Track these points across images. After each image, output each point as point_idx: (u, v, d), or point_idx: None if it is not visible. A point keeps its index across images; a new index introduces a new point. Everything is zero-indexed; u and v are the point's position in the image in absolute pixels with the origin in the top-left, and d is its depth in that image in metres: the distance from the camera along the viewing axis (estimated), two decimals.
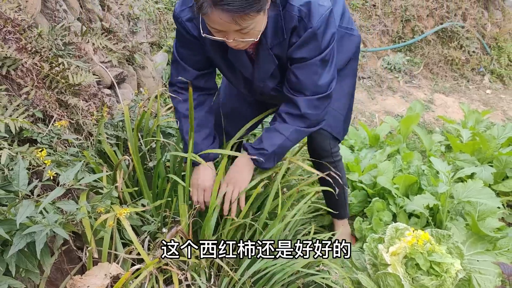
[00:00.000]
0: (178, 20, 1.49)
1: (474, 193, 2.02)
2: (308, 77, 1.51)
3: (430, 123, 3.59)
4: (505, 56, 4.58)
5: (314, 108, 1.57)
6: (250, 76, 1.61)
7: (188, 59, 1.60)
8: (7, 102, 1.48)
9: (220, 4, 1.19)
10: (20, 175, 1.16)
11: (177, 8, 1.49)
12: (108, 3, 2.74)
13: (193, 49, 1.56)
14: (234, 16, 1.22)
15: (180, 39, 1.57)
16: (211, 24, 1.29)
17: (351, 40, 1.77)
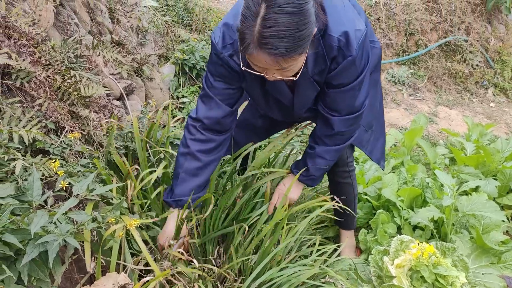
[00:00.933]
0: (220, 56, 1.49)
1: (479, 206, 2.03)
2: (346, 100, 1.57)
3: (434, 135, 3.61)
4: (509, 69, 4.61)
5: (348, 126, 1.64)
6: (289, 103, 1.64)
7: (223, 93, 1.59)
8: (20, 114, 1.51)
9: (265, 48, 1.22)
10: (35, 185, 1.19)
11: (219, 45, 1.48)
12: (117, 16, 2.80)
13: (230, 82, 1.57)
14: (277, 59, 1.25)
15: (217, 74, 1.56)
16: (253, 62, 1.31)
17: (373, 53, 1.78)
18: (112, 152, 1.75)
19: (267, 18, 1.18)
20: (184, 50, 3.42)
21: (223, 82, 1.56)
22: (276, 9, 1.17)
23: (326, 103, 1.60)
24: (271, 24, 1.18)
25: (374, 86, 1.90)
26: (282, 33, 1.19)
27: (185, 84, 3.37)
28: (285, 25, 1.18)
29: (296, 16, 1.19)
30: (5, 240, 1.13)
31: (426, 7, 4.54)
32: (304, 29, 1.23)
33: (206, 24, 3.99)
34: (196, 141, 1.63)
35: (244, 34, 1.22)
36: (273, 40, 1.19)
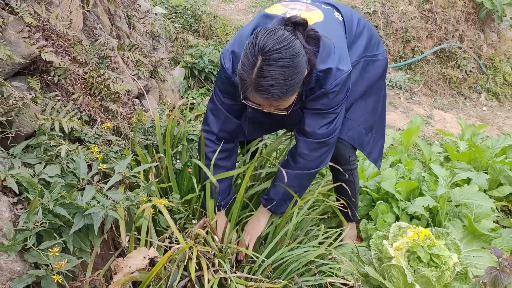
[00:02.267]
0: (230, 80, 1.68)
1: (470, 196, 2.22)
2: (313, 122, 1.72)
3: (430, 137, 3.80)
4: (501, 75, 4.83)
5: (311, 150, 1.78)
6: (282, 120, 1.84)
7: (231, 109, 1.79)
8: (59, 107, 1.69)
9: (260, 93, 1.43)
10: (81, 165, 1.37)
11: (229, 71, 1.67)
12: (133, 21, 2.99)
13: (237, 100, 1.73)
14: (271, 102, 1.47)
15: (226, 91, 1.76)
16: (250, 98, 1.52)
17: (376, 65, 1.95)
18: (135, 145, 1.93)
19: (262, 70, 1.39)
20: (193, 55, 3.61)
21: (231, 99, 1.76)
22: (270, 63, 1.38)
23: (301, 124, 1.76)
24: (265, 75, 1.39)
25: (377, 92, 2.06)
26: (274, 82, 1.40)
27: (194, 86, 3.56)
28: (277, 76, 1.39)
29: (287, 68, 1.40)
30: (56, 212, 1.30)
31: (421, 16, 4.76)
32: (294, 78, 1.43)
33: (213, 30, 4.19)
34: (214, 152, 1.83)
35: (244, 80, 1.44)
36: (267, 88, 1.41)
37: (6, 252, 1.24)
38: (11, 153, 1.42)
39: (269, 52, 1.38)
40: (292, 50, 1.40)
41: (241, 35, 1.67)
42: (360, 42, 1.86)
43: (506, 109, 4.61)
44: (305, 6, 1.73)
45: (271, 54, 1.38)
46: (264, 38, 1.39)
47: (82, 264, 1.50)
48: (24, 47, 1.59)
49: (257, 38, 1.41)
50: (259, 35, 1.41)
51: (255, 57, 1.40)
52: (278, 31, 1.42)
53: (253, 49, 1.40)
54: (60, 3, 1.98)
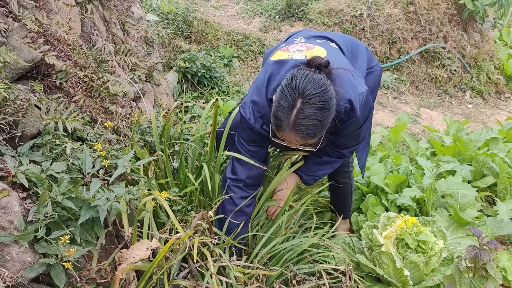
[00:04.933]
0: (254, 129, 1.79)
1: (455, 186, 2.33)
2: (352, 141, 1.92)
3: (417, 134, 3.93)
4: (484, 74, 4.98)
5: (352, 153, 2.04)
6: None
7: (257, 154, 1.88)
8: (62, 108, 1.77)
9: (298, 132, 1.54)
10: (87, 160, 1.45)
11: (251, 120, 1.77)
12: (127, 28, 3.08)
13: (262, 145, 1.87)
14: (306, 140, 1.59)
15: (251, 140, 1.85)
16: (284, 138, 1.64)
17: (373, 75, 2.08)
18: (134, 144, 2.02)
19: (303, 111, 1.51)
20: (185, 59, 3.71)
21: (256, 146, 1.87)
22: (311, 106, 1.51)
23: (335, 145, 1.93)
24: (306, 116, 1.52)
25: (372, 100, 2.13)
26: (313, 123, 1.53)
27: (188, 90, 3.65)
28: (315, 118, 1.52)
29: (324, 111, 1.53)
30: (64, 205, 1.39)
31: (406, 18, 4.91)
32: (329, 118, 1.57)
33: (204, 36, 4.29)
34: (242, 198, 1.91)
35: (281, 120, 1.55)
36: (305, 128, 1.54)
37: (17, 243, 1.31)
38: (18, 151, 1.50)
39: (309, 96, 1.49)
40: (329, 94, 1.53)
41: (257, 85, 1.77)
42: (361, 60, 1.98)
43: (490, 106, 4.76)
44: (304, 46, 1.82)
45: (311, 97, 1.50)
46: (304, 82, 1.50)
47: (87, 256, 1.58)
48: (27, 52, 1.67)
49: (296, 81, 1.51)
50: (298, 78, 1.52)
51: (295, 99, 1.51)
52: (315, 75, 1.53)
53: (292, 91, 1.51)
54: (59, 10, 2.07)
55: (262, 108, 1.74)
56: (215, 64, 3.86)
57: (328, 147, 1.95)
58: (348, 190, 2.33)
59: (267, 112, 1.73)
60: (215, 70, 3.83)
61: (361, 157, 2.24)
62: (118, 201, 1.52)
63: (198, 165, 2.19)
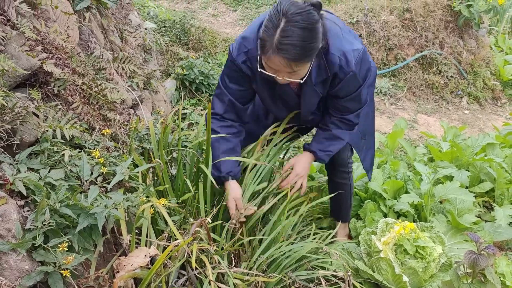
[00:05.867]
0: (235, 63, 1.81)
1: (452, 191, 2.34)
2: (354, 104, 1.90)
3: (415, 140, 3.94)
4: (480, 80, 5.02)
5: (357, 118, 1.99)
6: (295, 105, 1.96)
7: (236, 93, 1.89)
8: (60, 116, 1.78)
9: (282, 53, 1.54)
10: (85, 167, 1.46)
11: (234, 54, 1.80)
12: (125, 35, 3.09)
13: (243, 85, 1.88)
14: (290, 63, 1.58)
15: (232, 77, 1.87)
16: (268, 64, 1.63)
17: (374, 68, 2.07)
18: (132, 151, 2.02)
19: (285, 30, 1.52)
20: (183, 66, 3.72)
21: (236, 84, 1.87)
22: (293, 24, 1.52)
23: (338, 110, 1.93)
24: (288, 34, 1.52)
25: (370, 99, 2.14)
26: (296, 42, 1.52)
27: (186, 97, 3.66)
28: (299, 37, 1.52)
29: (308, 31, 1.54)
30: (62, 212, 1.38)
31: (402, 24, 4.95)
32: (313, 42, 1.57)
33: (202, 43, 4.31)
34: (223, 127, 1.93)
35: (265, 41, 1.56)
36: (288, 47, 1.53)
37: (15, 251, 1.31)
38: (16, 159, 1.50)
39: (292, 15, 1.51)
40: (313, 17, 1.54)
41: (252, 24, 1.79)
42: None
43: (487, 112, 4.78)
44: None
45: (294, 16, 1.51)
46: (288, 5, 1.53)
47: (85, 264, 1.57)
48: (26, 60, 1.68)
49: (281, 5, 1.54)
50: (283, 2, 1.55)
51: (279, 20, 1.53)
52: (300, 2, 1.56)
53: (277, 13, 1.54)
54: (57, 18, 2.08)
55: (249, 43, 1.75)
56: (213, 71, 3.88)
57: (333, 116, 1.96)
58: (348, 192, 2.33)
59: (253, 48, 1.74)
60: (213, 77, 3.84)
61: (365, 158, 2.24)
62: (117, 208, 1.51)
63: (196, 171, 2.19)
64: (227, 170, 1.93)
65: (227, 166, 1.93)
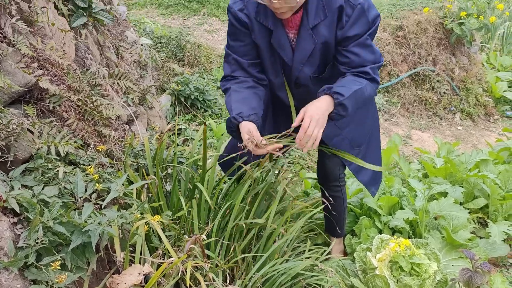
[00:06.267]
0: (230, 11, 1.77)
1: (447, 207, 2.34)
2: (366, 51, 1.69)
3: (409, 155, 3.96)
4: (473, 96, 5.07)
5: (376, 74, 1.74)
6: (290, 61, 1.78)
7: (239, 51, 1.82)
8: (55, 132, 1.77)
9: None
10: (79, 184, 1.45)
11: (230, 2, 1.78)
12: (121, 52, 3.11)
13: (243, 40, 1.79)
14: None
15: (232, 33, 1.82)
16: None
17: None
18: (127, 167, 2.01)
19: None
20: (179, 82, 3.74)
21: (237, 41, 1.81)
22: None
23: (351, 62, 1.70)
24: None
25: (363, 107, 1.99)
26: None
27: (181, 112, 3.67)
28: None
29: None
30: (55, 230, 1.37)
31: (396, 42, 5.02)
32: None
33: (197, 59, 4.34)
34: (234, 83, 1.82)
35: None
36: None
37: (7, 270, 1.29)
38: (10, 176, 1.49)
39: None
40: None
41: None
42: None
43: (480, 128, 4.83)
44: None
45: None
46: None
47: (78, 283, 1.55)
48: (21, 77, 1.68)
49: None
50: None
51: None
52: None
53: None
54: (54, 35, 2.09)
55: None
56: (208, 87, 3.90)
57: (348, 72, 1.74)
58: (340, 205, 2.31)
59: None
60: (208, 93, 3.86)
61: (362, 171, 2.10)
62: (110, 226, 1.50)
63: (191, 187, 2.18)
64: (237, 111, 1.72)
65: (237, 109, 1.73)
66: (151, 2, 6.67)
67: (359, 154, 2.09)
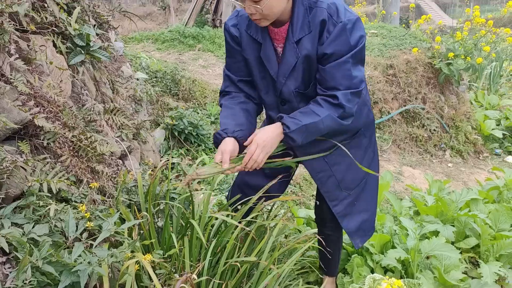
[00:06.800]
0: (225, 28, 1.85)
1: (438, 247, 2.34)
2: (342, 74, 1.64)
3: (401, 192, 3.99)
4: (462, 134, 5.16)
5: (348, 101, 1.67)
6: (275, 74, 1.78)
7: (232, 67, 1.90)
8: (48, 169, 1.78)
9: None
10: (70, 223, 1.44)
11: (226, 20, 1.86)
12: (117, 87, 3.15)
13: (236, 57, 1.87)
14: None
15: (227, 50, 1.89)
16: None
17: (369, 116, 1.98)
18: (119, 203, 2.01)
19: None
20: (173, 117, 3.77)
21: (230, 58, 1.89)
22: None
23: (324, 81, 1.68)
24: None
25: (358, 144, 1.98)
26: None
27: (174, 147, 3.69)
28: None
29: None
30: (44, 270, 1.35)
31: (386, 80, 5.14)
32: None
33: (192, 94, 4.40)
34: (226, 99, 1.92)
35: None
36: None
37: None
38: (0, 214, 1.48)
39: None
40: None
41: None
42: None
43: (469, 165, 4.89)
44: None
45: None
46: None
47: None
48: (17, 113, 1.70)
49: None
50: None
51: None
52: None
53: None
54: (51, 72, 2.12)
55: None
56: (202, 121, 3.94)
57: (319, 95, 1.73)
58: (335, 245, 2.28)
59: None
60: (202, 128, 3.89)
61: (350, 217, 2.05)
62: (100, 265, 1.49)
63: (184, 224, 2.17)
64: (223, 127, 1.79)
65: (224, 125, 1.80)
66: (148, 37, 6.81)
67: (347, 198, 2.03)
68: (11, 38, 1.80)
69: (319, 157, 1.95)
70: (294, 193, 3.68)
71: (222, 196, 3.21)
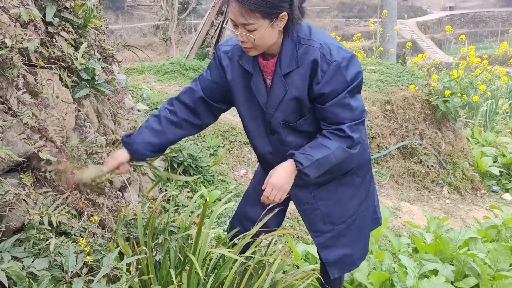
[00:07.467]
0: (217, 49, 1.87)
1: (438, 287, 2.33)
2: (344, 110, 1.67)
3: (399, 228, 3.98)
4: (459, 170, 5.20)
5: (354, 132, 1.71)
6: (264, 105, 1.79)
7: (204, 81, 1.88)
8: (49, 201, 1.78)
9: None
10: (70, 258, 1.44)
11: (222, 43, 1.89)
12: (118, 118, 3.19)
13: (213, 76, 1.86)
14: (242, 9, 1.54)
15: (210, 65, 1.90)
16: (230, 16, 1.64)
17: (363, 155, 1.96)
18: (118, 237, 2.00)
19: None
20: (173, 148, 3.80)
21: (209, 72, 1.88)
22: None
23: (328, 119, 1.72)
24: None
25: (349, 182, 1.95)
26: None
27: (173, 179, 3.69)
28: None
29: None
30: None
31: (384, 115, 5.22)
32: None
33: None
34: (166, 109, 1.92)
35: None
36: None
37: None
38: (0, 247, 1.47)
39: None
40: None
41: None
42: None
43: (467, 202, 4.90)
44: None
45: None
46: None
47: None
48: (21, 146, 1.72)
49: None
50: None
51: None
52: None
53: None
54: (56, 105, 2.16)
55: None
56: (202, 154, 3.96)
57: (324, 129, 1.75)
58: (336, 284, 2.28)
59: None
60: (201, 160, 3.91)
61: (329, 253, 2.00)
62: None
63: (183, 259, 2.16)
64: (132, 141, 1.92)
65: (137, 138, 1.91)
66: (149, 68, 6.93)
67: (331, 232, 1.98)
68: (20, 73, 1.84)
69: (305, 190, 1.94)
70: (292, 227, 3.66)
71: (220, 229, 3.20)
